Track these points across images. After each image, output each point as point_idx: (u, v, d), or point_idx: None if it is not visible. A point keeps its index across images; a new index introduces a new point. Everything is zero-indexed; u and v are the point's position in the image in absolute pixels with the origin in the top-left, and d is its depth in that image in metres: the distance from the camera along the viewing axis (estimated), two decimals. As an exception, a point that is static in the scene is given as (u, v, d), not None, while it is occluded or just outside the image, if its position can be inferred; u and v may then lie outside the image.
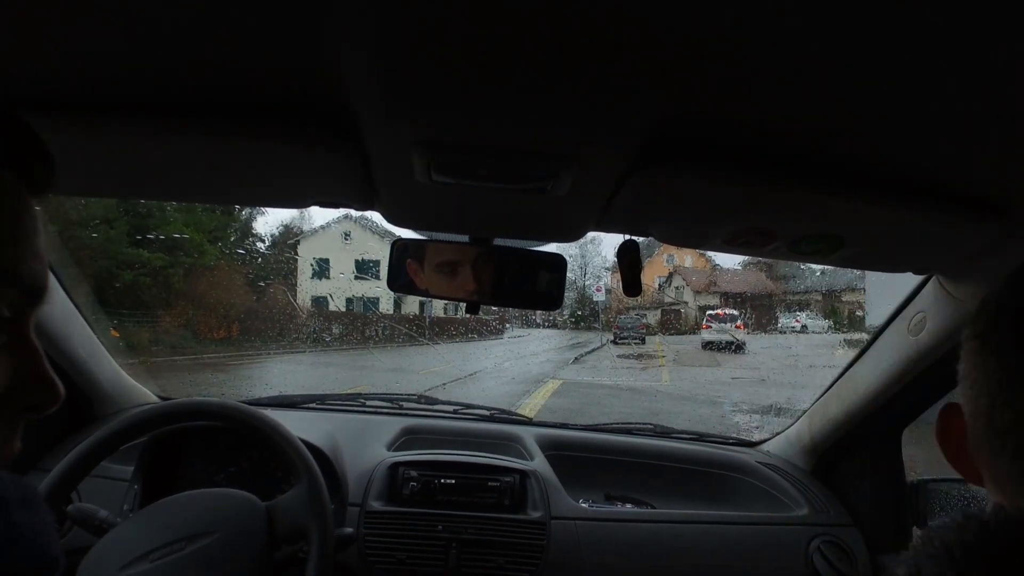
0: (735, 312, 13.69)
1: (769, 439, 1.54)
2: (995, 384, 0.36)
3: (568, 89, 0.48)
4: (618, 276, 0.82)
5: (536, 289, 0.88)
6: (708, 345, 11.79)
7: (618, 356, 13.16)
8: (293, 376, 9.16)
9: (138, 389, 1.41)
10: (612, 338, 15.53)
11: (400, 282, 0.89)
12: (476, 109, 0.51)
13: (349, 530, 0.97)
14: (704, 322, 12.34)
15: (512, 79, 0.47)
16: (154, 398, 1.43)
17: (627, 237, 0.80)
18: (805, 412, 1.42)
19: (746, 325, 12.30)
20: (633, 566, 1.16)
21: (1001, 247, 0.72)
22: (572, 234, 0.83)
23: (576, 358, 12.74)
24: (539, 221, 0.78)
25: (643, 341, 15.14)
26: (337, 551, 0.93)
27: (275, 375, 9.29)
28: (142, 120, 0.57)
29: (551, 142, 0.56)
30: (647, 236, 0.81)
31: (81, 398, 1.25)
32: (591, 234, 0.85)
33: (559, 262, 0.87)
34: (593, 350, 14.23)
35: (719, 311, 13.09)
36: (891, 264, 0.86)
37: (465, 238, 0.86)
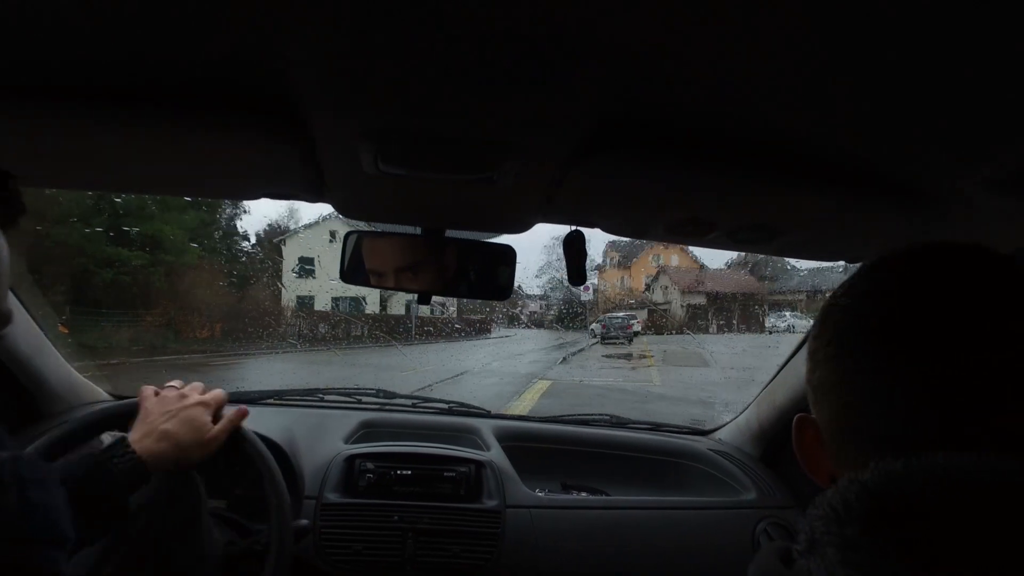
0: (634, 313, 17.91)
1: (721, 427, 1.58)
2: (856, 383, 0.39)
3: (509, 81, 0.49)
4: (606, 276, 0.83)
5: (487, 280, 0.90)
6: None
7: (606, 356, 13.20)
8: (278, 376, 9.06)
9: (88, 386, 1.37)
10: (599, 338, 15.55)
11: (352, 274, 0.90)
12: (420, 100, 0.53)
13: (305, 522, 0.97)
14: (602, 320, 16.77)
15: (454, 71, 0.48)
16: (105, 395, 1.39)
17: (573, 228, 0.82)
18: (754, 399, 1.46)
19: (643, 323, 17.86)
20: (587, 551, 1.17)
21: (926, 235, 0.74)
22: (520, 225, 0.84)
23: (564, 358, 12.75)
24: (487, 212, 0.80)
25: (630, 341, 15.18)
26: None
27: (259, 375, 9.18)
28: (83, 108, 0.56)
29: (494, 132, 0.57)
30: (593, 227, 0.83)
31: (26, 395, 1.21)
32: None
33: (509, 253, 0.89)
34: (581, 350, 14.25)
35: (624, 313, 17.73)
36: (824, 253, 0.89)
37: (418, 230, 0.88)
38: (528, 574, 1.15)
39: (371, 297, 14.68)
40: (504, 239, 0.91)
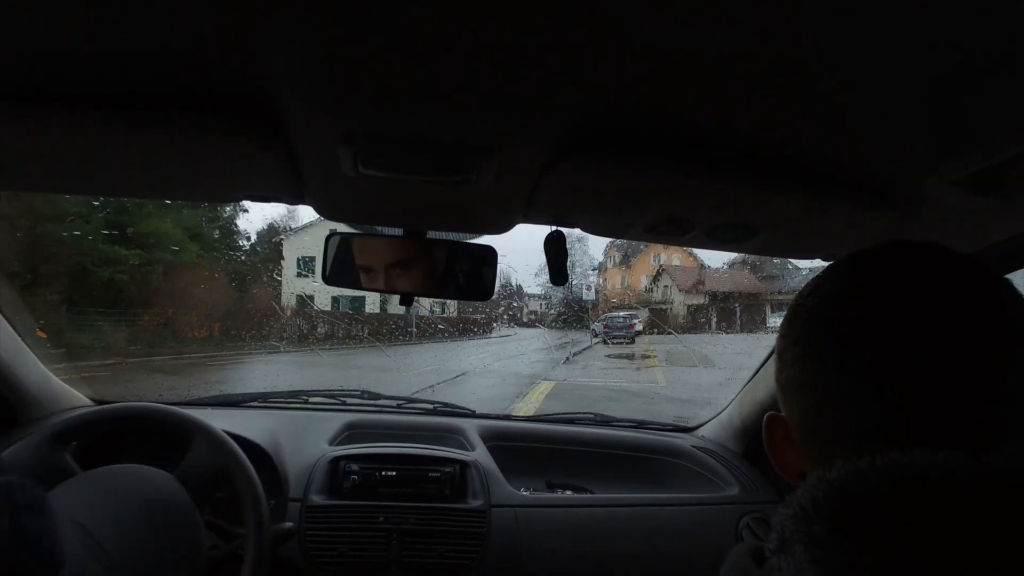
0: (636, 312, 17.70)
1: (704, 424, 1.59)
2: (823, 383, 0.40)
3: (486, 85, 0.49)
4: (606, 275, 0.77)
5: (469, 281, 0.91)
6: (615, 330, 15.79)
7: (609, 356, 13.13)
8: (275, 377, 8.95)
9: (68, 392, 1.34)
10: (601, 338, 15.48)
11: (335, 276, 0.90)
12: (399, 103, 0.53)
13: (289, 524, 0.97)
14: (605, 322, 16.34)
15: (433, 74, 0.48)
16: (86, 400, 1.38)
17: (554, 228, 0.82)
18: (736, 396, 1.45)
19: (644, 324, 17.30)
20: (572, 549, 1.18)
21: (898, 233, 0.74)
22: (500, 226, 0.85)
23: (567, 358, 12.68)
24: (468, 213, 0.81)
25: (632, 341, 15.12)
26: (277, 546, 0.94)
27: (256, 375, 9.11)
28: (58, 112, 0.56)
29: (472, 135, 0.58)
30: (573, 227, 0.83)
31: (3, 403, 1.19)
32: (579, 235, 0.87)
33: (490, 254, 0.90)
34: (583, 350, 14.20)
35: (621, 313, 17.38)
36: (801, 251, 0.90)
37: (399, 231, 0.88)
38: (514, 573, 1.15)
39: (371, 297, 14.63)
40: (488, 240, 0.92)
